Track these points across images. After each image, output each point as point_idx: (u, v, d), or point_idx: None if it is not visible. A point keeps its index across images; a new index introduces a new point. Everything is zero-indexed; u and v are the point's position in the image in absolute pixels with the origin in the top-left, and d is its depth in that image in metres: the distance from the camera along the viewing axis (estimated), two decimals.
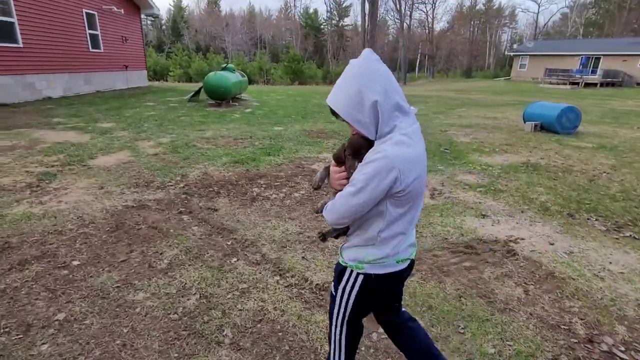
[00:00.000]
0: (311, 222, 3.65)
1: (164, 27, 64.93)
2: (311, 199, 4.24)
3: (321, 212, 1.36)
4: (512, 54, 39.95)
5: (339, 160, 1.33)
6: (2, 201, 3.79)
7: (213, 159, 5.61)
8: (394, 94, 1.18)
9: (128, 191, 4.26)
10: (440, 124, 9.77)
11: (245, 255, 3.02)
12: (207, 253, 3.02)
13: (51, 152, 5.59)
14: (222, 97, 11.27)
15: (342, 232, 1.42)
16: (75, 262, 2.80)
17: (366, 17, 27.92)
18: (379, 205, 1.22)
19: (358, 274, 1.34)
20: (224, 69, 12.08)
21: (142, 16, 17.86)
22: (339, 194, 1.25)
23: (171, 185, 4.49)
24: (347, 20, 71.94)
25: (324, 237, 1.50)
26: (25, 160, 5.14)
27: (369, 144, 1.22)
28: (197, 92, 12.49)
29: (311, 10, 69.00)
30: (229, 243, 3.20)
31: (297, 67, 37.77)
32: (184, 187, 4.45)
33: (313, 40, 64.46)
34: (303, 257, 3.00)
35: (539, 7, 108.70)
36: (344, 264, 1.38)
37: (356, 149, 1.24)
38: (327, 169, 1.40)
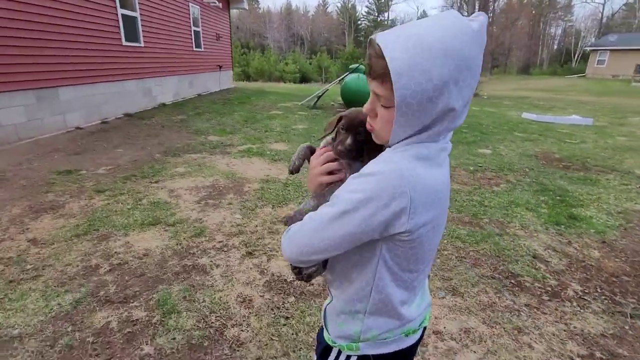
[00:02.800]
0: None
1: None
2: None
3: (287, 224, 0.87)
4: (589, 48, 36.63)
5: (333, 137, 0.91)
6: None
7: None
8: (460, 99, 0.70)
9: None
10: None
11: None
12: None
13: (274, 200, 3.99)
14: (362, 101, 9.52)
15: (316, 272, 0.90)
16: None
17: None
18: (368, 247, 0.76)
19: (348, 356, 0.89)
20: (355, 70, 10.38)
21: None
22: (308, 214, 0.79)
23: None
24: (385, 15, 69.56)
25: (300, 273, 0.90)
26: (255, 218, 3.55)
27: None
28: (320, 96, 10.86)
29: (349, 6, 67.09)
30: None
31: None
32: None
33: (354, 35, 62.59)
34: None
35: None
36: (329, 342, 0.92)
37: (354, 123, 0.83)
38: (310, 147, 0.96)
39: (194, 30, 11.67)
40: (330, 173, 0.88)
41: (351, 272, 0.83)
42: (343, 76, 10.25)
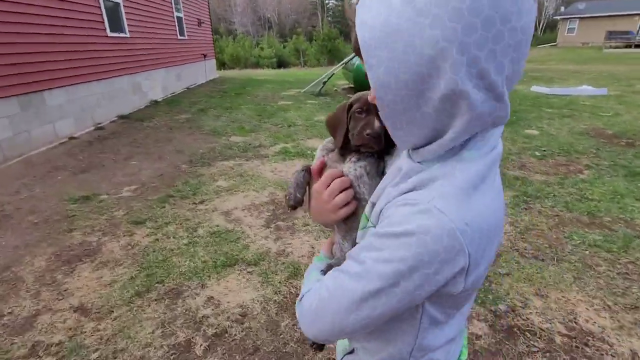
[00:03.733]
0: None
1: None
2: None
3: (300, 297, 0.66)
4: (559, 17, 37.03)
5: (335, 135, 0.70)
6: None
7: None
8: (501, 74, 0.44)
9: None
10: None
11: None
12: None
13: None
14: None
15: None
16: None
17: None
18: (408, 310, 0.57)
19: None
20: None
21: None
22: (332, 276, 0.58)
23: None
24: None
25: (319, 345, 0.83)
26: None
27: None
28: (325, 82, 10.07)
29: None
30: None
31: (332, 46, 34.95)
32: None
33: (324, 16, 61.00)
34: None
35: None
36: None
37: (373, 104, 0.55)
38: (307, 170, 0.73)
39: (177, 16, 10.48)
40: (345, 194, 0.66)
41: (386, 334, 0.64)
42: (349, 58, 9.48)
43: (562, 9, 38.24)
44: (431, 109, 0.47)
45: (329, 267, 0.67)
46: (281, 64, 30.68)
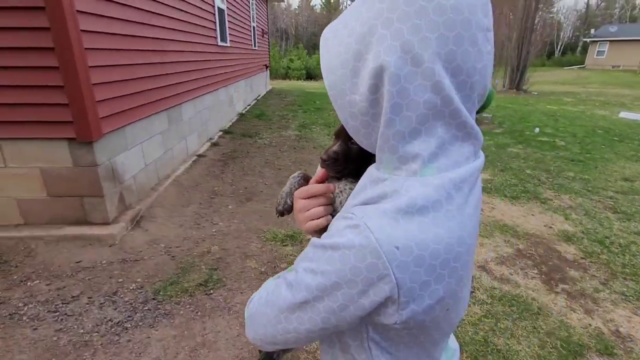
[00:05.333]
0: None
1: None
2: None
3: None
4: (589, 40, 36.85)
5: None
6: None
7: None
8: (445, 79, 0.44)
9: None
10: None
11: None
12: None
13: None
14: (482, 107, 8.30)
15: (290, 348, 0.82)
16: None
17: None
18: (350, 331, 0.56)
19: None
20: None
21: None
22: (268, 285, 0.59)
23: None
24: None
25: (270, 357, 0.85)
26: None
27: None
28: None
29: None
30: None
31: None
32: None
33: None
34: None
35: None
36: None
37: (337, 155, 0.61)
38: (304, 176, 0.72)
39: (252, 26, 10.07)
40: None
41: (337, 350, 0.60)
42: None
43: (593, 31, 38.04)
44: (364, 92, 0.47)
45: None
46: (309, 76, 30.45)
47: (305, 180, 0.71)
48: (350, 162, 0.60)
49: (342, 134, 0.61)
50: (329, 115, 8.72)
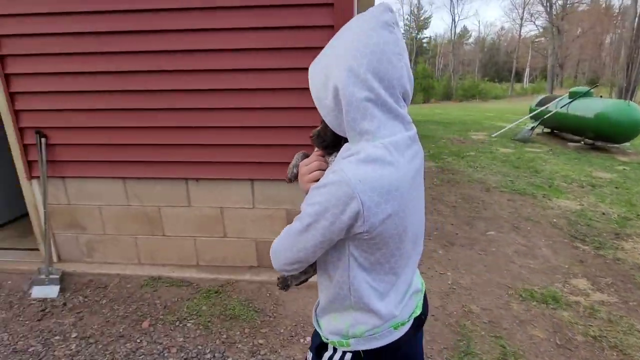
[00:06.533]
0: None
1: None
2: None
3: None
4: None
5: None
6: None
7: None
8: (376, 83, 0.76)
9: None
10: None
11: None
12: None
13: None
14: (629, 137, 7.42)
15: (307, 278, 1.02)
16: None
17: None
18: (337, 246, 0.83)
19: (344, 352, 0.91)
20: (586, 94, 8.37)
21: None
22: (285, 228, 0.87)
23: None
24: (426, 32, 67.44)
25: (284, 283, 1.03)
26: None
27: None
28: (533, 128, 8.88)
29: None
30: None
31: (427, 83, 34.33)
32: None
33: None
34: None
35: None
36: (323, 339, 0.95)
37: (319, 132, 0.91)
38: (305, 154, 1.01)
39: None
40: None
41: (329, 271, 0.88)
42: (570, 100, 8.24)
43: None
44: (330, 98, 0.78)
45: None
46: None
47: (306, 156, 0.97)
48: (328, 137, 0.87)
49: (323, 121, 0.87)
50: (442, 143, 8.29)
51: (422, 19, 67.54)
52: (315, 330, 0.98)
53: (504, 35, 58.83)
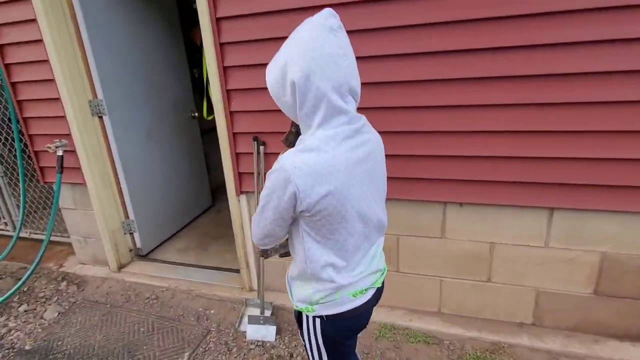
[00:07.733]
0: None
1: None
2: None
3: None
4: None
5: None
6: None
7: None
8: (323, 82, 0.87)
9: None
10: None
11: None
12: None
13: None
14: None
15: (286, 251, 1.16)
16: None
17: None
18: (295, 225, 1.01)
19: (313, 318, 1.09)
20: None
21: None
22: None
23: None
24: None
25: (264, 252, 1.18)
26: None
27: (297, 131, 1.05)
28: None
29: None
30: None
31: None
32: None
33: None
34: None
35: None
36: (295, 307, 1.14)
37: (288, 132, 1.12)
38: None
39: None
40: None
41: (294, 245, 1.05)
42: None
43: None
44: (289, 95, 0.91)
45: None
46: None
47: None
48: (291, 136, 1.08)
49: (292, 124, 1.06)
50: None
51: None
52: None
53: None
